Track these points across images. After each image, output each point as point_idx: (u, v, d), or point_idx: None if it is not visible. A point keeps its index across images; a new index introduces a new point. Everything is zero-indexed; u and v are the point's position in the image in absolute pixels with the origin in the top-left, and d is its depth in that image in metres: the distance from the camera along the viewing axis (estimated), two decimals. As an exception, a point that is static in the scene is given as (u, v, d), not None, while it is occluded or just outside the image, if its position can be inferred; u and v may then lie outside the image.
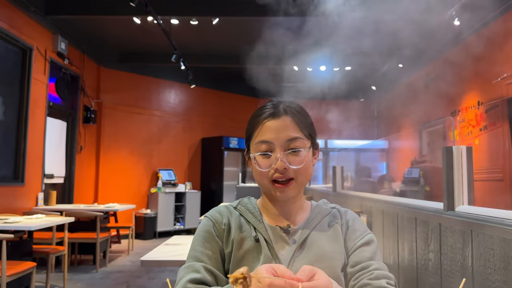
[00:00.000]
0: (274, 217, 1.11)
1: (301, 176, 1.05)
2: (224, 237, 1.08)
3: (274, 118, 1.06)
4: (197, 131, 9.45)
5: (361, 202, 2.58)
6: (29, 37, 5.48)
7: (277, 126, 1.05)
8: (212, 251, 1.06)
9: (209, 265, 1.03)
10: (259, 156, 1.06)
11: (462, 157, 1.42)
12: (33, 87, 5.56)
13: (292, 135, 1.04)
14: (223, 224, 1.10)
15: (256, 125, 1.09)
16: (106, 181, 7.85)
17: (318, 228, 1.08)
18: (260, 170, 1.04)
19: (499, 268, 1.10)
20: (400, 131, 8.68)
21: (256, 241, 1.05)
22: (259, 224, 1.08)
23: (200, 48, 7.78)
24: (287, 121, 1.05)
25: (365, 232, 1.09)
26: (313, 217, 1.10)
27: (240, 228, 1.09)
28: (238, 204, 1.15)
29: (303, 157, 1.04)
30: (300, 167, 1.03)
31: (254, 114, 1.11)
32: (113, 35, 7.34)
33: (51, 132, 6.22)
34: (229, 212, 1.13)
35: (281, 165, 1.02)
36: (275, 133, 1.04)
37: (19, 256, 3.86)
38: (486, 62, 5.31)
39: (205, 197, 8.92)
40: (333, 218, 1.11)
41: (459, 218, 1.32)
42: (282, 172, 1.02)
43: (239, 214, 1.12)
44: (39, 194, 5.70)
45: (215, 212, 1.14)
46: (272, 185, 1.04)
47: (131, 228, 6.61)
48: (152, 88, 8.74)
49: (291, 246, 1.06)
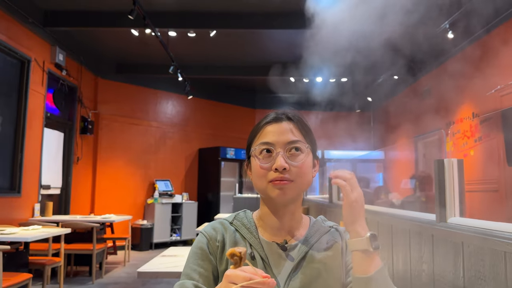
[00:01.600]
0: (271, 231, 1.09)
1: (299, 179, 1.03)
2: (218, 254, 1.07)
3: (276, 122, 1.07)
4: (194, 141, 9.47)
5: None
6: (27, 49, 5.52)
7: (278, 129, 1.05)
8: (204, 268, 1.06)
9: (200, 284, 1.03)
10: (259, 155, 1.05)
11: (453, 169, 1.45)
12: (31, 98, 5.58)
13: (293, 138, 1.04)
14: (217, 241, 1.08)
15: (257, 130, 1.09)
16: (102, 192, 7.84)
17: (317, 246, 1.06)
18: (260, 165, 1.03)
19: (489, 278, 1.12)
20: (396, 142, 8.73)
21: (252, 259, 1.04)
22: (254, 240, 1.07)
23: (197, 59, 7.84)
24: (289, 126, 1.06)
25: None
26: (312, 234, 1.09)
27: (235, 245, 1.07)
28: (233, 219, 1.13)
29: (303, 158, 1.03)
30: (300, 169, 1.02)
31: (257, 123, 1.12)
32: (111, 46, 7.40)
33: (48, 142, 6.23)
34: (223, 228, 1.11)
35: (280, 163, 1.01)
36: (276, 135, 1.05)
37: (15, 268, 3.84)
38: (481, 74, 5.38)
39: (202, 207, 8.91)
40: (332, 237, 1.10)
41: (451, 229, 1.35)
42: (282, 173, 1.01)
43: (235, 230, 1.11)
44: (36, 205, 5.69)
45: (209, 228, 1.12)
46: (270, 185, 1.02)
47: (127, 239, 6.59)
48: (150, 99, 8.78)
49: (288, 263, 1.04)
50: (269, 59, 7.78)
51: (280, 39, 6.91)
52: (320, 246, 1.07)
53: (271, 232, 1.09)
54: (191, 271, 1.05)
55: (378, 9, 3.71)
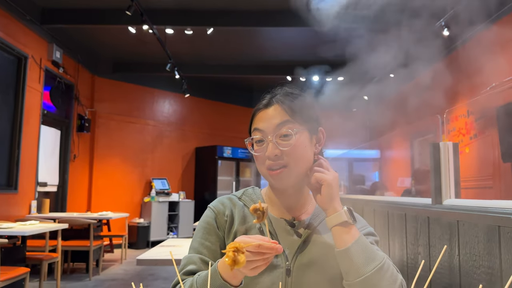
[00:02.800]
0: (280, 208, 1.11)
1: (293, 163, 1.02)
2: (226, 228, 1.09)
3: (266, 108, 1.09)
4: (191, 140, 9.49)
5: (353, 204, 2.63)
6: (24, 46, 5.52)
7: (267, 115, 1.07)
8: (211, 242, 1.08)
9: (206, 257, 1.05)
10: (254, 143, 1.08)
11: (448, 152, 1.48)
12: (28, 95, 5.58)
13: (280, 120, 1.04)
14: (226, 215, 1.10)
15: (253, 116, 1.12)
16: (99, 190, 7.84)
17: (324, 225, 1.06)
18: (255, 154, 1.07)
19: (483, 254, 1.15)
20: (392, 141, 8.77)
21: (261, 233, 1.06)
22: None
23: (194, 57, 7.86)
24: (277, 109, 1.06)
25: (366, 225, 1.12)
26: (317, 214, 1.10)
27: (244, 219, 1.09)
28: (242, 195, 1.15)
29: (295, 140, 1.03)
30: (292, 152, 1.02)
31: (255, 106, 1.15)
32: (108, 44, 7.41)
33: (45, 140, 6.23)
34: (232, 203, 1.13)
35: (271, 150, 1.02)
36: (265, 121, 1.06)
37: (12, 262, 3.84)
38: (476, 71, 5.43)
39: (199, 206, 8.92)
40: None
41: (447, 210, 1.38)
42: (274, 160, 1.02)
43: (243, 205, 1.12)
44: (32, 202, 5.69)
45: (218, 203, 1.14)
46: (268, 174, 1.05)
47: (124, 237, 6.59)
48: (146, 98, 8.79)
49: (296, 239, 1.06)
50: (266, 58, 7.82)
51: (278, 37, 6.95)
52: (325, 226, 1.06)
53: (279, 209, 1.11)
54: (198, 245, 1.08)
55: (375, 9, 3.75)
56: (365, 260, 0.93)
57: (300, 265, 1.02)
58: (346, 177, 7.71)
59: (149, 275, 5.62)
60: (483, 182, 5.22)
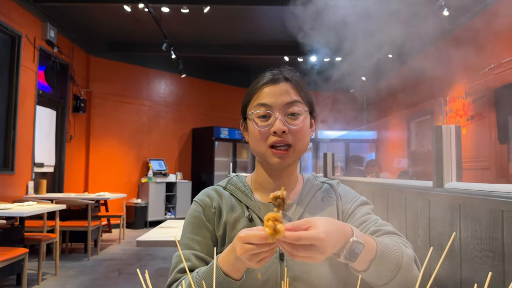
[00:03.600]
0: (268, 192, 1.06)
1: (299, 143, 1.02)
2: (215, 220, 1.08)
3: (273, 84, 1.05)
4: (187, 121, 9.45)
5: (352, 186, 2.63)
6: (18, 25, 5.42)
7: (276, 90, 1.04)
8: (202, 236, 1.06)
9: (199, 252, 1.04)
10: (257, 118, 1.03)
11: (451, 135, 1.47)
12: (22, 75, 5.51)
13: (291, 99, 1.03)
14: (213, 207, 1.09)
15: (254, 91, 1.07)
16: (96, 171, 7.83)
17: (312, 204, 1.07)
18: (258, 129, 1.02)
19: (485, 237, 1.15)
20: (389, 121, 8.78)
21: (250, 221, 1.04)
22: (251, 202, 1.07)
23: (191, 37, 7.76)
24: (286, 87, 1.04)
25: (358, 195, 1.12)
26: (306, 192, 1.09)
27: (232, 209, 1.07)
28: (227, 184, 1.13)
29: (302, 121, 1.03)
30: (299, 132, 1.02)
31: (253, 83, 1.10)
32: (103, 23, 7.29)
33: (41, 120, 6.18)
34: (218, 194, 1.11)
35: (279, 127, 0.99)
36: (274, 97, 1.03)
37: (11, 243, 3.85)
38: (474, 52, 5.40)
39: (196, 187, 8.95)
40: (326, 193, 1.10)
41: (448, 193, 1.38)
42: (280, 136, 1.00)
43: (230, 194, 1.11)
44: (29, 182, 5.68)
45: (204, 195, 1.12)
46: (269, 152, 1.02)
47: (122, 217, 6.62)
48: (142, 78, 8.71)
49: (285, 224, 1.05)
50: (264, 38, 7.73)
51: (275, 17, 6.85)
52: (316, 203, 1.08)
53: (267, 194, 1.06)
54: (189, 241, 1.06)
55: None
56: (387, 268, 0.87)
57: None
58: (343, 158, 7.73)
59: (147, 255, 5.67)
60: (480, 164, 5.25)
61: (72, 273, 4.68)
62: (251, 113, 1.05)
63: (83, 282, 4.32)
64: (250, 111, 1.06)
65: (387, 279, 0.87)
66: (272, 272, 0.99)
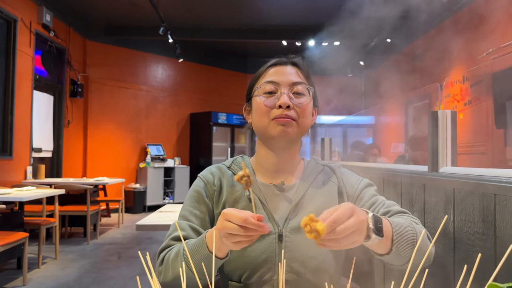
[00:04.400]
0: (269, 173, 1.11)
1: (302, 119, 1.04)
2: (214, 197, 1.10)
3: (281, 65, 1.09)
4: (185, 106, 9.43)
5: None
6: (13, 8, 5.37)
7: (283, 70, 1.08)
8: (200, 211, 1.09)
9: (195, 224, 1.07)
10: (263, 94, 1.06)
11: (447, 121, 1.49)
12: (19, 59, 5.48)
13: (298, 79, 1.06)
14: (214, 185, 1.11)
15: (261, 73, 1.11)
16: (94, 156, 7.85)
17: (313, 186, 1.09)
18: (263, 103, 1.04)
19: (478, 221, 1.18)
20: (387, 106, 8.79)
21: (250, 201, 1.06)
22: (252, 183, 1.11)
23: (188, 21, 7.69)
24: (294, 69, 1.08)
25: (360, 178, 1.14)
26: (308, 175, 1.11)
27: (233, 189, 1.10)
28: (231, 164, 1.16)
29: (306, 100, 1.06)
30: (303, 109, 1.04)
31: (259, 69, 1.13)
32: (99, 7, 7.21)
33: (38, 105, 6.17)
34: (221, 172, 1.14)
35: (285, 100, 1.02)
36: (281, 75, 1.06)
37: (11, 227, 3.89)
38: (472, 37, 5.38)
39: (194, 172, 8.98)
40: (327, 176, 1.12)
41: (443, 178, 1.40)
42: (285, 110, 1.02)
43: (232, 174, 1.13)
44: (28, 167, 5.69)
45: (207, 172, 1.15)
46: (272, 123, 1.03)
47: (120, 202, 6.66)
48: (139, 63, 8.66)
49: (286, 205, 1.06)
50: (262, 22, 7.67)
51: (273, 1, 6.79)
52: (317, 186, 1.09)
53: (269, 175, 1.11)
54: (187, 213, 1.09)
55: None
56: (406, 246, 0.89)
57: (292, 230, 1.03)
58: (341, 143, 7.76)
59: (146, 239, 5.73)
60: (476, 148, 5.28)
61: (72, 257, 4.73)
62: (257, 88, 1.08)
63: (83, 265, 4.37)
64: (257, 89, 1.08)
65: (407, 258, 0.89)
66: (271, 252, 1.01)
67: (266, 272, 1.01)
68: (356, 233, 0.76)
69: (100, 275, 4.05)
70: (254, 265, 1.01)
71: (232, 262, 1.03)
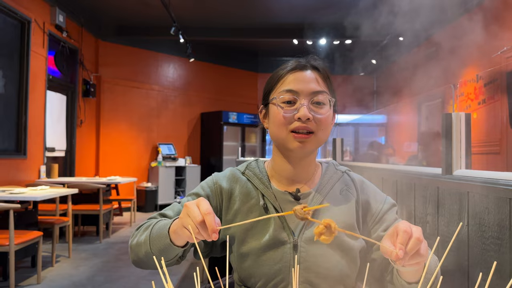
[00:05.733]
0: (284, 181, 1.07)
1: (321, 132, 1.01)
2: (224, 203, 1.08)
3: (300, 70, 1.03)
4: (196, 105, 9.46)
5: (360, 172, 2.64)
6: (27, 9, 5.43)
7: (303, 77, 1.02)
8: None
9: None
10: (282, 103, 1.01)
11: (460, 123, 1.47)
12: (33, 60, 5.54)
13: (319, 88, 1.01)
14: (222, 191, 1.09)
15: (279, 77, 1.05)
16: (107, 155, 7.91)
17: (330, 196, 1.05)
18: (283, 114, 1.00)
19: (493, 225, 1.16)
20: (399, 105, 8.71)
21: (265, 210, 1.03)
22: (267, 190, 1.06)
23: (199, 21, 7.71)
24: (314, 75, 1.03)
25: (385, 196, 1.10)
26: (325, 183, 1.07)
27: (247, 197, 1.07)
28: (245, 169, 1.12)
29: (327, 111, 1.01)
30: (323, 121, 1.00)
31: (277, 69, 1.08)
32: (111, 7, 7.26)
33: (51, 105, 6.24)
34: (234, 179, 1.11)
35: (304, 113, 0.97)
36: (301, 83, 1.01)
37: (25, 226, 3.94)
38: (486, 35, 5.31)
39: (205, 171, 9.01)
40: (345, 186, 1.08)
41: (457, 181, 1.38)
42: (304, 122, 0.98)
43: (247, 180, 1.09)
44: (41, 167, 5.76)
45: (223, 177, 1.12)
46: (290, 136, 1.00)
47: (132, 200, 6.71)
48: (151, 62, 8.71)
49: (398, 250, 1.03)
50: (273, 21, 7.66)
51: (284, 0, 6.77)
52: (334, 195, 1.05)
53: (284, 182, 1.08)
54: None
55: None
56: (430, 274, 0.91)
57: (307, 240, 1.00)
58: (352, 143, 7.72)
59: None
60: (490, 148, 5.22)
61: (85, 255, 4.78)
62: (275, 98, 1.02)
63: (95, 264, 4.41)
64: (275, 96, 1.03)
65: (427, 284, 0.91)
66: (285, 262, 0.99)
67: (280, 281, 1.00)
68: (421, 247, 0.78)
69: (113, 274, 4.09)
70: (268, 274, 1.00)
71: (246, 269, 1.02)
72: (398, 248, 0.75)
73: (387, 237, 0.81)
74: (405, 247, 0.75)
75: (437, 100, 6.96)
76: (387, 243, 0.78)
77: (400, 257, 0.75)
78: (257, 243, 1.01)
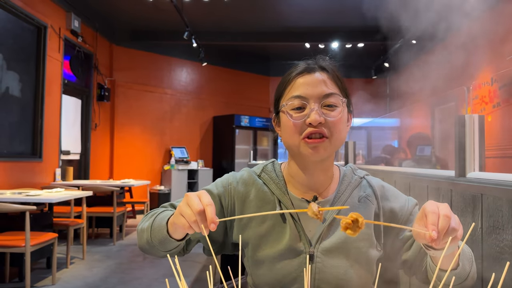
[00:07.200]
0: (301, 187, 1.04)
1: (335, 135, 0.96)
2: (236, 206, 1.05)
3: (308, 73, 0.99)
4: (208, 109, 9.52)
5: (374, 175, 2.63)
6: (43, 15, 5.53)
7: (311, 80, 0.97)
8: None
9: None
10: (291, 110, 0.97)
11: (474, 125, 1.46)
12: (49, 64, 5.64)
13: (328, 90, 0.96)
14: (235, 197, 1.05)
15: (287, 83, 1.01)
16: (120, 158, 8.00)
17: (348, 204, 1.01)
18: (292, 121, 0.96)
19: (507, 227, 1.15)
20: (412, 109, 8.64)
21: (281, 217, 1.00)
22: (284, 196, 1.02)
23: (212, 25, 7.77)
24: (322, 76, 0.98)
25: (405, 197, 1.10)
26: (343, 190, 1.03)
27: (262, 202, 1.03)
28: (261, 172, 1.08)
29: (339, 112, 0.96)
30: (336, 124, 0.95)
31: (285, 74, 1.04)
32: (125, 13, 7.37)
33: (67, 109, 6.34)
34: (251, 181, 1.07)
35: (315, 118, 0.93)
36: (310, 88, 0.96)
37: (41, 228, 4.00)
38: (501, 38, 5.25)
39: (217, 174, 9.04)
40: (364, 192, 1.05)
41: (470, 183, 1.37)
42: (316, 127, 0.94)
43: (262, 183, 1.05)
44: (57, 170, 5.85)
45: (238, 178, 1.08)
46: (303, 142, 0.95)
47: (146, 203, 6.76)
48: (164, 66, 8.79)
49: (319, 223, 0.99)
50: (284, 25, 7.68)
51: (295, 3, 6.80)
52: (352, 203, 1.02)
53: (301, 188, 1.04)
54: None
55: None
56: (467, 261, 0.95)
57: (324, 251, 0.97)
58: (364, 146, 7.67)
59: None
60: (505, 152, 5.15)
61: (98, 257, 4.83)
62: (284, 105, 0.98)
63: (109, 266, 4.46)
64: (284, 103, 0.99)
65: (466, 275, 0.93)
66: (301, 272, 0.97)
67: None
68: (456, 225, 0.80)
69: (126, 276, 4.12)
70: (283, 283, 0.98)
71: (260, 276, 1.00)
72: (430, 229, 0.75)
73: (417, 220, 0.81)
74: (437, 227, 0.75)
75: (450, 104, 6.88)
76: (418, 227, 0.78)
77: (434, 237, 0.74)
78: (272, 250, 0.98)
